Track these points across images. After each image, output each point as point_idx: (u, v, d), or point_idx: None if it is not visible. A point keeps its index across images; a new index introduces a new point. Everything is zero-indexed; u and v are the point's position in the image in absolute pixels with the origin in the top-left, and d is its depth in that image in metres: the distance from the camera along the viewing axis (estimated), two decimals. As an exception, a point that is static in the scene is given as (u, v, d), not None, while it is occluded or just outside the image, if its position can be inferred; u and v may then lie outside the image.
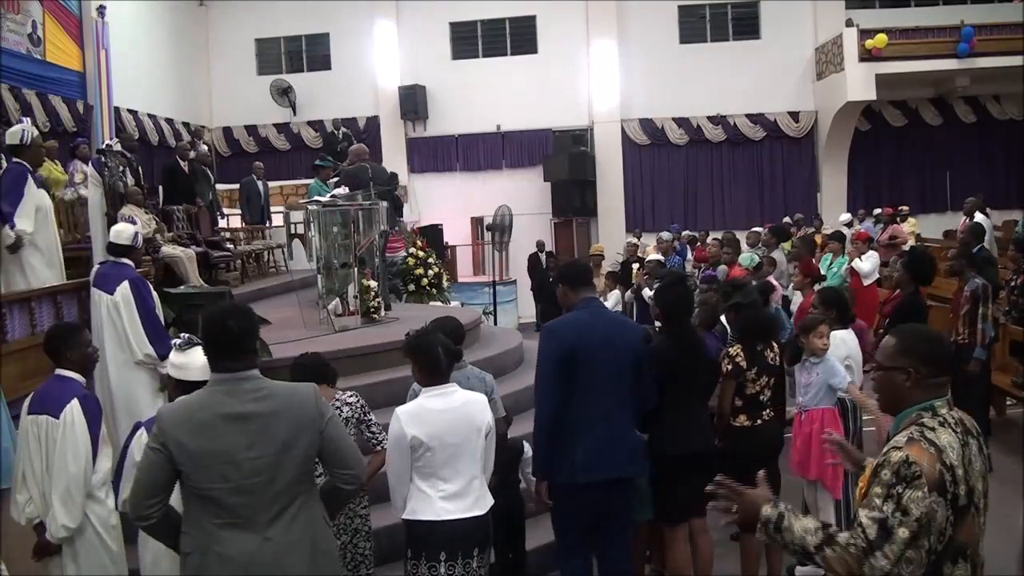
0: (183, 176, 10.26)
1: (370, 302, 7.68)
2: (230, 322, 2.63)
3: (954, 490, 2.20)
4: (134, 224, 5.41)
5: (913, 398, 2.33)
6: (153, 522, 2.60)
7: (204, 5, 18.47)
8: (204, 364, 3.33)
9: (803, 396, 4.81)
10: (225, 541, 2.53)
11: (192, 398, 2.68)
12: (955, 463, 2.21)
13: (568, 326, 3.91)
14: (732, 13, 17.90)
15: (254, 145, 18.42)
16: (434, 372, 3.43)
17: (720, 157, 17.92)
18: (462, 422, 3.36)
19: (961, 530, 2.23)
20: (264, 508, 2.56)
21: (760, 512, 2.30)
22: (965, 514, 2.24)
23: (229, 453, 2.53)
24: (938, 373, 2.33)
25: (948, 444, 2.24)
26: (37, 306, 5.52)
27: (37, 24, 12.23)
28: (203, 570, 2.55)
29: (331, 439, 2.67)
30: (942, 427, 2.27)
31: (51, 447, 3.55)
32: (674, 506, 4.24)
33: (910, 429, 2.29)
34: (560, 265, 4.56)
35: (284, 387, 2.70)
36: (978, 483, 2.28)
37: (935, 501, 2.17)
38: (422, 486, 3.34)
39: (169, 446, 2.52)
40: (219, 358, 2.63)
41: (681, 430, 4.17)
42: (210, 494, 2.54)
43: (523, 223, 16.49)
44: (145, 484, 2.59)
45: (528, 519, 4.59)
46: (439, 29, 18.06)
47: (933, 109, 17.44)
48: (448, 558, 3.30)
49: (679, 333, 4.27)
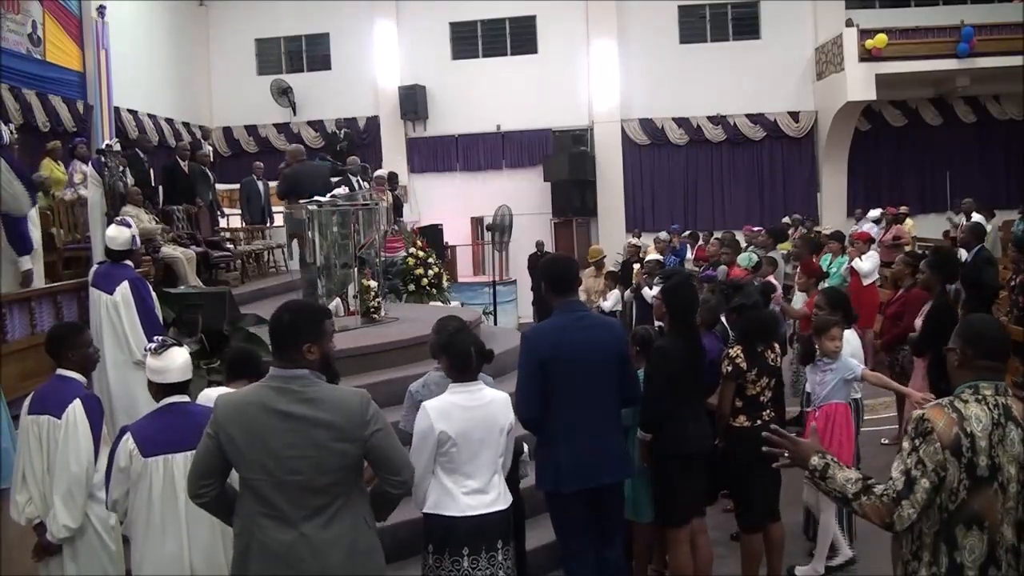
0: (183, 176, 10.26)
1: (370, 302, 7.68)
2: (285, 316, 2.69)
3: (971, 457, 2.37)
4: (129, 227, 5.39)
5: (962, 377, 2.51)
6: (207, 500, 2.73)
7: (204, 5, 18.47)
8: (181, 366, 3.34)
9: (816, 394, 4.81)
10: (265, 530, 2.60)
11: (248, 390, 2.74)
12: (977, 433, 2.38)
13: (544, 335, 3.89)
14: (732, 13, 17.91)
15: (254, 145, 18.42)
16: (465, 370, 3.49)
17: (720, 157, 17.93)
18: (487, 419, 3.42)
19: (977, 499, 2.38)
20: (301, 505, 2.59)
21: (809, 460, 2.54)
22: (984, 486, 2.38)
23: (271, 448, 2.57)
24: (984, 356, 2.48)
25: (974, 415, 2.40)
26: (37, 306, 5.53)
27: (37, 24, 12.22)
28: (247, 554, 2.64)
29: (377, 447, 2.67)
30: (977, 403, 2.43)
31: (53, 447, 3.55)
32: (675, 507, 4.23)
33: (944, 398, 2.49)
34: (545, 261, 4.37)
35: (333, 392, 2.71)
36: (1009, 465, 2.40)
37: (948, 460, 2.36)
38: (445, 481, 3.38)
39: (219, 435, 2.62)
40: (274, 352, 2.69)
41: (682, 431, 4.16)
42: (253, 484, 2.61)
43: (523, 223, 16.50)
44: (199, 466, 2.71)
45: (528, 519, 4.59)
46: (439, 29, 18.07)
47: (933, 109, 17.45)
48: (472, 552, 3.34)
49: (686, 333, 4.26)
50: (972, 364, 2.49)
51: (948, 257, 6.19)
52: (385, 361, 6.31)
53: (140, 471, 3.20)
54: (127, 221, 5.58)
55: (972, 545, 2.39)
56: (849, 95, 15.87)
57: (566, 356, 3.76)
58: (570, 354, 3.76)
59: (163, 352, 3.35)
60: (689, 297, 4.35)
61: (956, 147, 17.42)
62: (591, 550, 3.89)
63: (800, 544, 5.14)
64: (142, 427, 3.31)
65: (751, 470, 4.31)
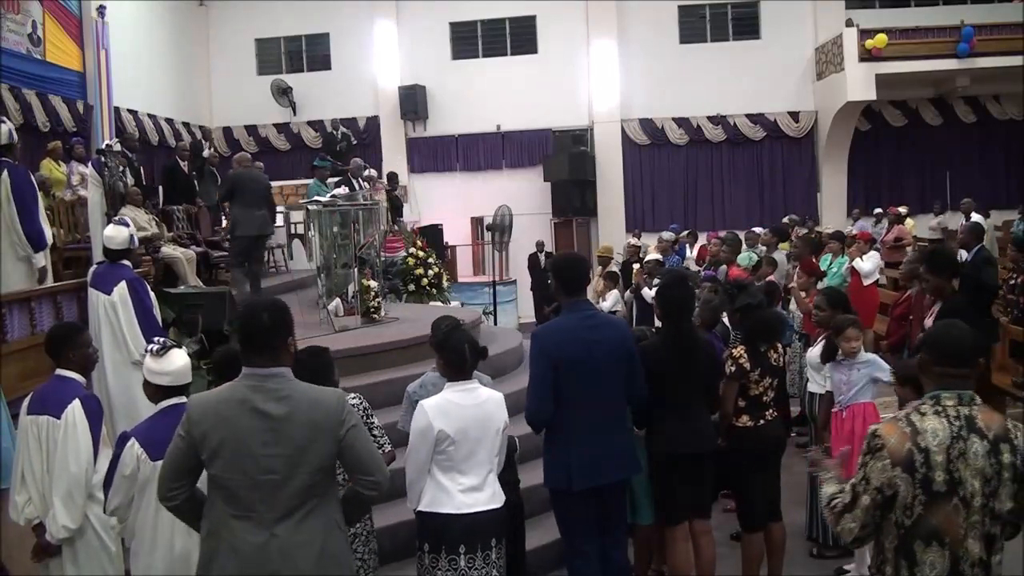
0: (183, 176, 10.26)
1: (370, 302, 7.68)
2: (264, 316, 2.65)
3: (926, 472, 2.32)
4: (127, 227, 5.38)
5: (926, 384, 2.48)
6: (177, 503, 2.69)
7: (204, 5, 18.46)
8: (181, 369, 3.34)
9: (843, 394, 4.76)
10: (235, 531, 2.57)
11: (222, 390, 2.71)
12: (932, 448, 2.32)
13: (553, 334, 3.88)
14: (732, 13, 17.90)
15: (254, 145, 18.38)
16: (460, 368, 3.50)
17: (720, 157, 17.91)
18: (484, 418, 3.43)
19: (936, 515, 2.33)
20: (275, 506, 2.57)
21: None
22: (942, 501, 2.32)
23: (246, 448, 2.55)
24: (940, 361, 2.42)
25: (930, 429, 2.34)
26: (37, 306, 5.53)
27: (37, 24, 12.22)
28: (213, 556, 2.60)
29: (350, 447, 2.65)
30: (935, 415, 2.37)
31: (52, 448, 3.54)
32: (673, 506, 4.24)
33: (903, 410, 2.47)
34: (556, 259, 4.30)
35: (309, 391, 2.69)
36: (973, 479, 2.32)
37: (898, 476, 2.33)
38: (441, 479, 3.38)
39: (193, 434, 2.58)
40: (249, 352, 2.65)
41: (680, 430, 4.16)
42: (226, 485, 2.58)
43: (523, 223, 16.49)
44: (170, 468, 2.67)
45: (528, 518, 4.59)
46: (439, 29, 18.06)
47: (933, 109, 17.44)
48: (468, 550, 3.34)
49: (675, 333, 4.26)
50: (930, 370, 2.44)
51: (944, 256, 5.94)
52: (385, 361, 6.31)
53: (149, 475, 3.18)
54: (125, 220, 5.58)
55: (933, 561, 2.34)
56: (849, 95, 15.86)
57: (575, 356, 3.76)
58: (579, 353, 3.76)
59: (163, 354, 3.35)
60: (682, 297, 4.32)
61: (956, 147, 17.41)
62: (596, 548, 3.90)
63: (801, 544, 5.14)
64: (146, 431, 3.30)
65: (753, 470, 4.32)
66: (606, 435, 3.82)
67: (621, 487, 3.98)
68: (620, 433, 3.93)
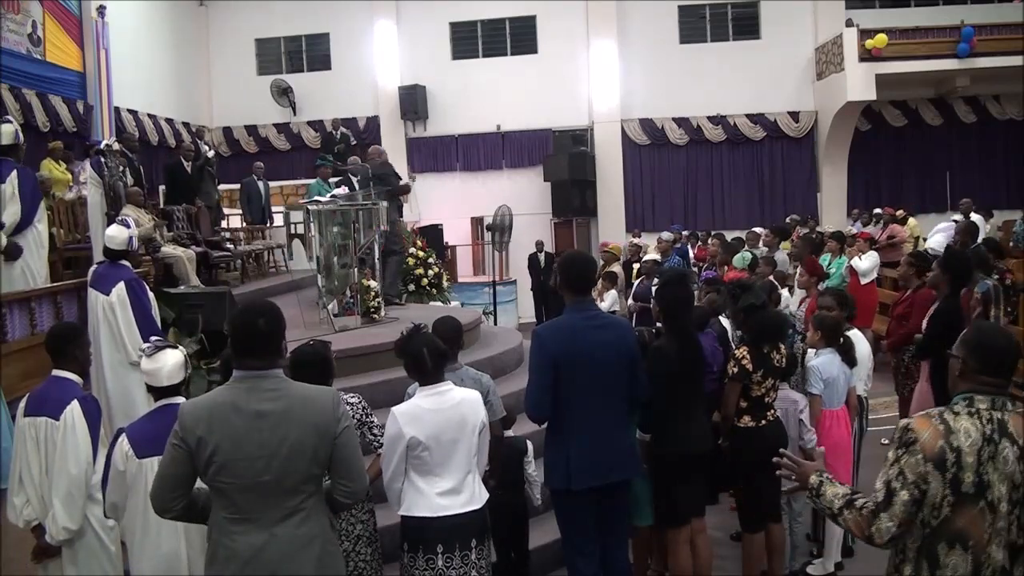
0: (184, 176, 10.25)
1: (370, 302, 7.67)
2: (260, 321, 2.64)
3: (956, 472, 2.27)
4: (128, 227, 5.38)
5: (960, 386, 2.42)
6: (177, 513, 2.67)
7: (204, 5, 18.46)
8: (171, 369, 3.34)
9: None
10: (233, 535, 2.56)
11: (214, 394, 2.70)
12: (964, 448, 2.28)
13: (555, 333, 3.85)
14: (732, 13, 17.90)
15: (254, 145, 18.42)
16: (421, 372, 3.48)
17: (720, 157, 17.91)
18: (457, 420, 3.39)
19: (962, 517, 2.28)
20: (273, 506, 2.57)
21: (808, 480, 2.62)
22: (970, 503, 2.28)
23: (243, 450, 2.54)
24: (985, 370, 2.38)
25: (963, 429, 2.30)
26: (37, 306, 5.53)
27: (37, 24, 12.23)
28: (215, 558, 2.61)
29: (342, 447, 2.65)
30: (969, 416, 2.34)
31: (51, 449, 3.54)
32: (674, 507, 4.22)
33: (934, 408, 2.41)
34: (565, 256, 4.21)
35: (303, 389, 2.69)
36: (1000, 483, 2.29)
37: (930, 473, 2.28)
38: (418, 483, 3.36)
39: (188, 441, 2.56)
40: (244, 355, 2.64)
41: (680, 431, 4.16)
42: (223, 488, 2.57)
43: (523, 223, 16.49)
44: (167, 478, 2.63)
45: (531, 518, 4.58)
46: (439, 29, 18.05)
47: (933, 109, 17.43)
48: (445, 551, 3.33)
49: (681, 333, 4.25)
50: (972, 377, 2.39)
51: (958, 257, 5.89)
52: (385, 361, 6.29)
53: (136, 472, 3.20)
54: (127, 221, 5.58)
55: (955, 564, 2.29)
56: (849, 95, 15.86)
57: (577, 355, 3.75)
58: (581, 353, 3.75)
59: (155, 355, 3.35)
60: (680, 296, 4.30)
61: (956, 147, 17.42)
62: (596, 548, 3.89)
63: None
64: (137, 428, 3.31)
65: (755, 470, 4.31)
66: (607, 435, 3.81)
67: (623, 488, 3.96)
68: (623, 433, 3.92)
